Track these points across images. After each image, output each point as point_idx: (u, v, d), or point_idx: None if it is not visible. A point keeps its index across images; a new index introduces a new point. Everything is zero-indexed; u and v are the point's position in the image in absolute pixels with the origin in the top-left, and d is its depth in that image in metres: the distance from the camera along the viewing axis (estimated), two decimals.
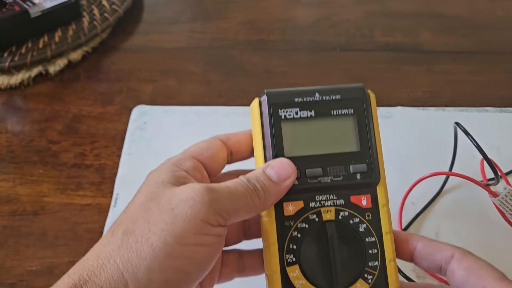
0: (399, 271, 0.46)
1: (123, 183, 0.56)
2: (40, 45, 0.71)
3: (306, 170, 0.36)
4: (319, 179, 0.35)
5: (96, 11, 0.76)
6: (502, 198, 0.46)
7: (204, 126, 0.61)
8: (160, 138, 0.61)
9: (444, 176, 0.54)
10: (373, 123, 0.36)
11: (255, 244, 0.40)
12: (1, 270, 0.51)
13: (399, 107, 0.62)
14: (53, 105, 0.66)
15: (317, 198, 0.36)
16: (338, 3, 0.82)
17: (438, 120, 0.60)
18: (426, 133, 0.59)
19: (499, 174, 0.45)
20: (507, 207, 0.47)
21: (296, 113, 0.36)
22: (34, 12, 0.70)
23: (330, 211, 0.35)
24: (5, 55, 0.70)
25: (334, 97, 0.37)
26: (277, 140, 0.36)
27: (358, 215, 0.35)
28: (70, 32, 0.73)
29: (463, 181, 0.49)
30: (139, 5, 0.82)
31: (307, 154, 0.36)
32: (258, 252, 0.39)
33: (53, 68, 0.69)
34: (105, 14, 0.75)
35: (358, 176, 0.36)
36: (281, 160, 0.35)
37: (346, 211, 0.35)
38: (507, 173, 0.54)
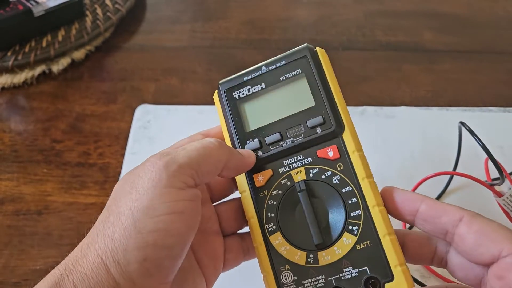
0: None
1: None
2: (44, 44, 0.71)
3: (266, 138, 0.36)
4: (280, 143, 0.36)
5: (99, 10, 0.76)
6: (507, 198, 0.46)
7: (207, 125, 0.61)
8: (164, 137, 0.61)
9: (448, 176, 0.54)
10: (326, 76, 0.36)
11: None
12: (6, 270, 0.51)
13: (402, 107, 0.62)
14: (56, 104, 0.66)
15: (285, 162, 0.36)
16: (339, 2, 0.82)
17: (441, 120, 0.60)
18: (429, 133, 0.59)
19: (504, 174, 0.45)
20: (511, 207, 0.47)
21: (248, 90, 0.38)
22: (37, 11, 0.70)
23: (300, 171, 0.35)
24: (9, 54, 0.70)
25: (279, 65, 0.38)
26: (236, 119, 0.38)
27: (329, 168, 0.35)
28: (73, 31, 0.73)
29: (467, 180, 0.49)
30: (141, 4, 0.82)
31: (265, 123, 0.37)
32: None
33: (56, 67, 0.70)
34: (108, 13, 0.75)
35: (319, 130, 0.35)
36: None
37: (315, 167, 0.35)
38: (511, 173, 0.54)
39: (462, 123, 0.47)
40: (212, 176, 0.34)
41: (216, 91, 0.39)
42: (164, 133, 0.61)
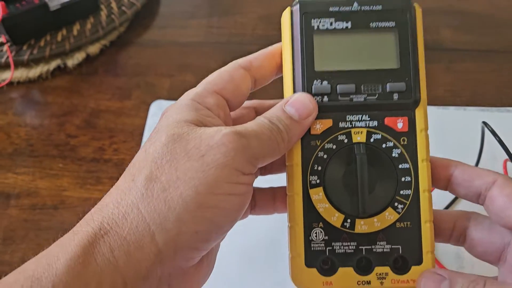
0: None
1: None
2: (59, 38, 0.71)
3: (338, 86, 0.33)
4: (351, 96, 0.33)
5: (114, 5, 0.76)
6: None
7: None
8: None
9: None
10: (417, 40, 0.33)
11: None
12: (23, 263, 0.51)
13: None
14: (71, 99, 0.66)
15: (348, 118, 0.33)
16: None
17: (459, 120, 0.60)
18: (447, 133, 0.58)
19: None
20: None
21: (331, 24, 0.33)
22: (53, 5, 0.69)
23: (362, 132, 0.33)
24: (24, 48, 0.69)
25: (374, 8, 0.33)
26: (308, 53, 0.33)
27: (392, 139, 0.33)
28: (88, 26, 0.73)
29: None
30: None
31: (340, 69, 0.33)
32: (269, 191, 0.38)
33: (71, 62, 0.69)
34: (123, 8, 0.75)
35: (395, 96, 0.33)
36: (300, 96, 0.33)
37: (379, 133, 0.33)
38: None
39: (484, 123, 0.45)
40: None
41: (289, 8, 0.34)
42: None
